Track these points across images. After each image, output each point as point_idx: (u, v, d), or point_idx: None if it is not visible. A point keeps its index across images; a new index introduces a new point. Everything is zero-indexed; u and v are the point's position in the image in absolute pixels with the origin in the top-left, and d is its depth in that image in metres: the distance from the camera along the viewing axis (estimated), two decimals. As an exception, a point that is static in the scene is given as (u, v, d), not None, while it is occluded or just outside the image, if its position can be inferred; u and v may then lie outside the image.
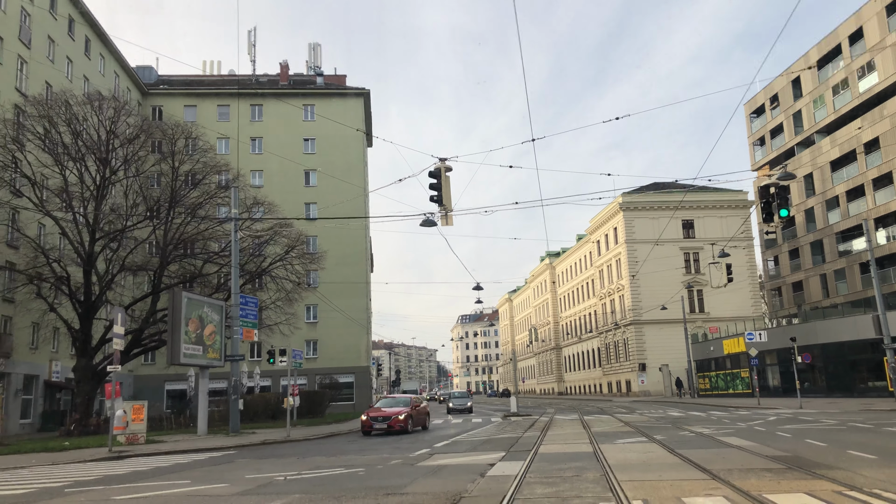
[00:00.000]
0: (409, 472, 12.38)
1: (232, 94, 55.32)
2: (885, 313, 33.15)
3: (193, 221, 33.39)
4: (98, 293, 31.74)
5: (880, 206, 48.78)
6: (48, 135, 29.82)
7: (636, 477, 10.17)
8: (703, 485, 9.21)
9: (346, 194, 50.10)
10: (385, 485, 10.62)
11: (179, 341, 24.26)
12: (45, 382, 39.11)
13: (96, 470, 15.15)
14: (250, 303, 28.19)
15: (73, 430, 30.14)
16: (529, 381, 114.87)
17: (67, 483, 12.62)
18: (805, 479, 9.47)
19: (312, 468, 13.54)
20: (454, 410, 43.77)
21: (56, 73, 40.04)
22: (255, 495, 10.09)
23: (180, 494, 10.41)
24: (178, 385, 47.90)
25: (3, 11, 35.10)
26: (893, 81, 46.43)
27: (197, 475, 13.18)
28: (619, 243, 68.26)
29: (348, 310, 50.36)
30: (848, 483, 8.90)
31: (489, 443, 18.60)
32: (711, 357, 53.80)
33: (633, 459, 12.66)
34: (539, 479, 10.44)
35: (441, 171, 14.45)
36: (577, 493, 8.91)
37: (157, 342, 33.57)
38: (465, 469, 12.39)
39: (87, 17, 44.49)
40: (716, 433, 18.07)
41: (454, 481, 10.72)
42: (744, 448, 13.93)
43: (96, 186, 30.70)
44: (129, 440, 21.59)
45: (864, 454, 12.20)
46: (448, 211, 14.44)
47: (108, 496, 10.52)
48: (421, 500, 9.03)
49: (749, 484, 9.06)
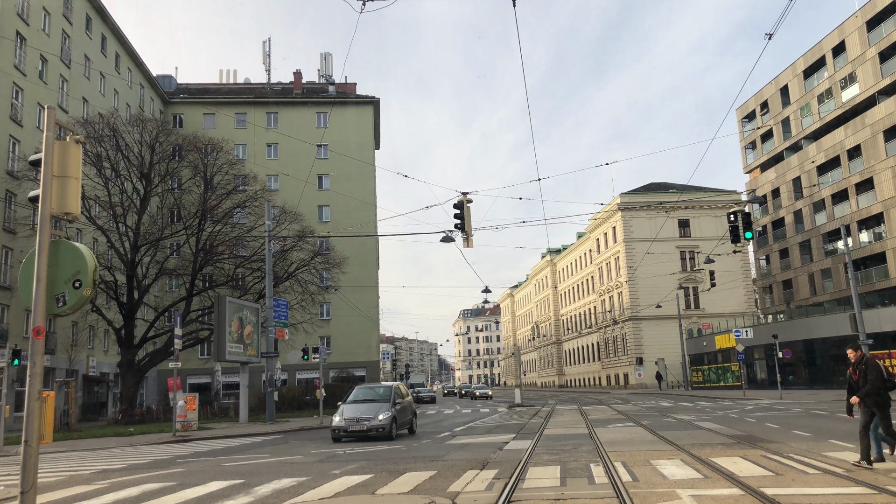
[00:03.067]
0: (442, 447, 15.54)
1: (248, 102, 58.40)
2: (860, 312, 36.24)
3: (225, 229, 36.52)
4: (138, 296, 34.90)
5: (862, 209, 51.81)
6: (98, 154, 32.88)
7: (620, 449, 13.30)
8: (669, 453, 12.34)
9: (358, 197, 53.37)
10: (427, 455, 13.78)
11: (224, 340, 27.37)
12: (84, 377, 42.22)
13: (176, 449, 18.28)
14: (282, 305, 31.33)
15: (119, 420, 33.37)
16: (531, 374, 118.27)
17: (168, 457, 15.75)
18: (745, 448, 12.61)
19: (360, 446, 16.67)
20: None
21: (91, 88, 43.10)
22: (330, 462, 13.23)
23: (271, 462, 13.54)
24: (200, 379, 51.23)
25: (46, 34, 38.10)
26: (873, 93, 49.47)
27: (270, 450, 16.36)
28: (617, 242, 71.38)
29: (359, 307, 53.54)
30: (774, 451, 12.01)
31: (500, 428, 21.74)
32: (704, 352, 57.13)
33: (621, 438, 15.80)
34: (545, 451, 13.59)
35: (463, 203, 17.60)
36: (574, 459, 12.04)
37: (192, 340, 36.69)
38: (486, 446, 15.52)
39: (116, 34, 47.54)
40: (694, 419, 21.21)
41: (479, 453, 13.86)
42: (712, 430, 17.05)
43: (140, 199, 33.82)
44: (184, 427, 24.70)
45: (803, 433, 15.32)
46: (469, 235, 17.56)
47: (218, 464, 13.67)
48: (459, 463, 12.16)
49: (703, 452, 12.17)
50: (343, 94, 61.13)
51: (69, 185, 7.15)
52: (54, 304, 6.98)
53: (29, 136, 35.27)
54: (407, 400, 20.62)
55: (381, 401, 18.85)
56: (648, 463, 11.11)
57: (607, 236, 75.02)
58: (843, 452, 11.54)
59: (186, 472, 12.37)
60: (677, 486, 8.81)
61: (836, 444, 12.73)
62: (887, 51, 48.24)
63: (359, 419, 17.86)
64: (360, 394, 19.96)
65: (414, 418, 20.86)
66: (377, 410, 18.18)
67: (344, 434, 17.94)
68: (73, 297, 6.99)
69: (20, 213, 33.69)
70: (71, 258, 7.08)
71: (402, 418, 19.32)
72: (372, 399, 19.20)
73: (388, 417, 17.96)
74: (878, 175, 49.10)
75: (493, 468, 11.22)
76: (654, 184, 75.45)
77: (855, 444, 12.50)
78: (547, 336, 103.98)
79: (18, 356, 20.97)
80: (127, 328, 34.43)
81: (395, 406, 18.67)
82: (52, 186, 7.06)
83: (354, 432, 17.81)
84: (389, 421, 17.92)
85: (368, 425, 17.74)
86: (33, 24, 36.46)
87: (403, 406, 19.65)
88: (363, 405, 18.61)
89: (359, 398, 19.47)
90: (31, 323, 6.91)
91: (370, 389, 20.45)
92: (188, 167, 37.53)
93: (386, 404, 18.52)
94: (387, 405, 18.46)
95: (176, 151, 36.51)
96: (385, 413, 18.05)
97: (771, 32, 14.05)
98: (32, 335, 6.86)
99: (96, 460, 15.70)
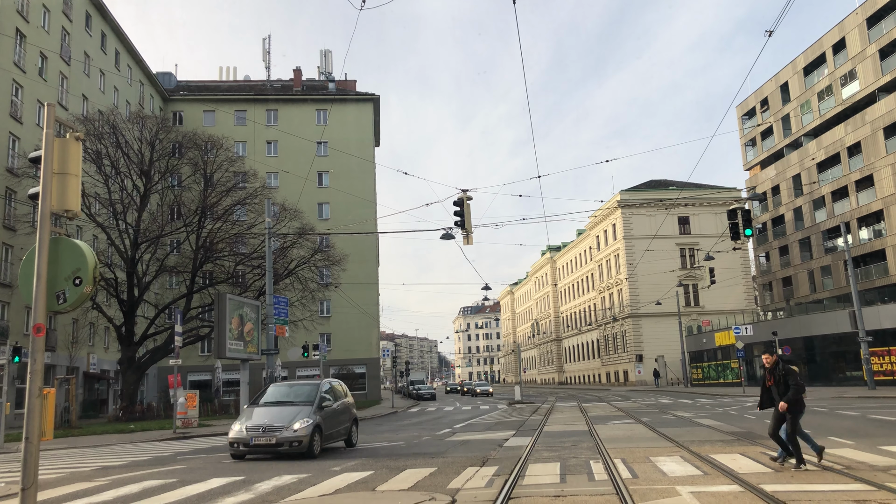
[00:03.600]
0: (442, 444, 15.57)
1: (248, 99, 58.38)
2: (860, 309, 36.36)
3: (225, 226, 36.54)
4: (138, 293, 34.92)
5: (862, 206, 51.80)
6: (97, 151, 32.88)
7: (620, 445, 13.32)
8: (668, 450, 12.36)
9: (357, 194, 53.41)
10: (427, 452, 13.81)
11: (225, 337, 27.30)
12: (85, 374, 42.25)
13: (176, 446, 18.31)
14: (282, 302, 31.29)
15: (120, 417, 33.42)
16: (531, 371, 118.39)
17: (169, 454, 15.77)
18: (744, 445, 12.63)
19: (360, 443, 16.68)
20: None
21: (91, 85, 43.08)
22: (331, 459, 13.25)
23: (272, 459, 13.54)
24: (201, 376, 51.29)
25: (46, 31, 38.06)
26: (873, 90, 49.45)
27: (270, 448, 16.33)
28: (617, 239, 71.42)
29: (360, 304, 53.56)
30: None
31: (500, 424, 21.78)
32: (704, 349, 57.18)
33: (620, 434, 15.83)
34: (545, 447, 13.61)
35: (463, 200, 17.60)
36: (574, 455, 12.07)
37: (193, 337, 36.72)
38: (486, 442, 15.55)
39: (117, 32, 47.49)
40: (694, 416, 21.24)
41: (479, 449, 13.89)
42: (711, 427, 17.08)
43: (140, 196, 33.83)
44: (185, 424, 24.75)
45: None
46: (469, 233, 17.57)
47: (218, 460, 13.76)
48: (459, 460, 12.19)
49: (702, 449, 12.19)
50: (343, 92, 61.11)
51: (69, 182, 7.16)
52: (55, 302, 6.99)
53: (29, 133, 35.27)
54: (342, 403, 15.90)
55: (301, 404, 14.33)
56: (648, 460, 11.13)
57: (607, 233, 75.05)
58: (842, 449, 11.57)
59: (187, 469, 12.40)
60: (677, 482, 8.84)
61: (836, 441, 12.75)
62: (888, 48, 48.20)
63: (266, 428, 13.50)
64: (275, 394, 15.49)
65: (354, 427, 16.31)
66: (292, 417, 13.74)
67: (246, 448, 13.57)
68: (73, 294, 7.00)
69: (20, 210, 33.71)
70: (71, 255, 7.09)
71: (332, 427, 14.90)
72: (289, 401, 14.71)
73: (308, 427, 13.56)
74: (878, 172, 49.09)
75: (494, 465, 11.25)
76: (654, 181, 75.50)
77: (855, 441, 12.55)
78: (547, 333, 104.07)
79: (19, 353, 21.00)
80: (127, 325, 34.46)
81: (322, 410, 14.41)
82: (53, 183, 7.07)
83: (260, 447, 13.46)
84: (309, 431, 13.52)
85: (279, 437, 13.36)
86: (33, 21, 36.43)
87: (334, 411, 15.13)
88: (276, 409, 14.31)
89: (271, 400, 15.11)
90: (32, 320, 6.92)
91: (288, 388, 15.88)
92: (188, 164, 37.53)
93: (306, 408, 14.05)
94: (307, 409, 14.00)
95: (176, 149, 36.53)
96: (303, 421, 13.63)
97: (771, 29, 14.06)
98: (33, 332, 6.87)
99: (97, 457, 15.74)
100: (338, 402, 15.58)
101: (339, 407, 15.50)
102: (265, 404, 14.86)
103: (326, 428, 14.37)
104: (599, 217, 75.73)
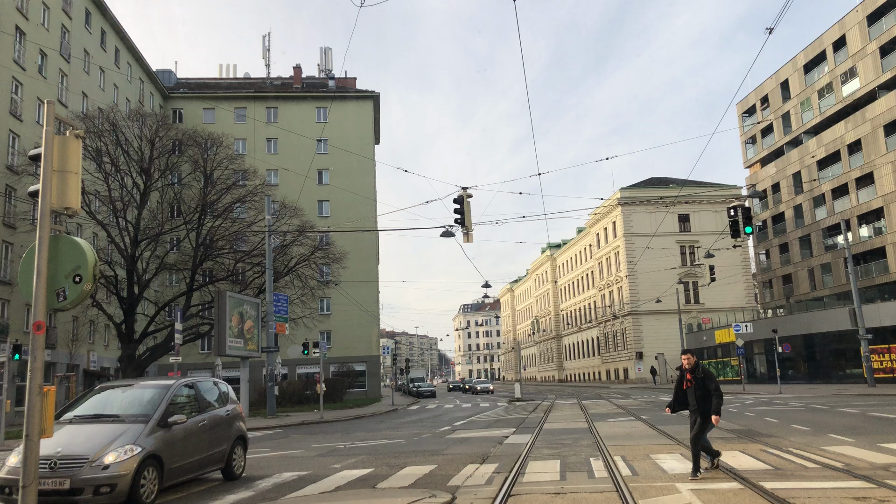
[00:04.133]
0: (442, 441, 15.58)
1: (248, 97, 58.35)
2: (860, 306, 36.41)
3: (225, 224, 36.53)
4: (138, 291, 34.91)
5: (862, 203, 51.78)
6: (97, 149, 32.86)
7: (620, 443, 13.33)
8: (668, 447, 12.37)
9: (357, 192, 53.41)
10: (427, 449, 13.81)
11: (225, 335, 27.38)
12: (85, 371, 42.27)
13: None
14: (282, 300, 31.35)
15: (120, 415, 33.43)
16: (531, 368, 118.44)
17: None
18: (745, 443, 12.64)
19: (360, 440, 16.71)
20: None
21: (91, 82, 43.03)
22: (330, 456, 13.26)
23: (272, 456, 13.58)
24: (201, 374, 51.31)
25: (46, 29, 38.01)
26: (873, 88, 49.41)
27: (271, 445, 16.40)
28: (617, 237, 71.41)
29: (360, 302, 53.57)
30: (773, 445, 12.04)
31: (500, 422, 21.79)
32: (704, 346, 57.18)
33: (620, 432, 15.84)
34: (545, 445, 13.62)
35: (463, 198, 17.57)
36: (574, 453, 12.07)
37: (193, 335, 36.72)
38: (486, 440, 15.55)
39: (116, 29, 47.42)
40: (694, 413, 21.23)
41: (479, 447, 13.89)
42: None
43: (140, 193, 33.82)
44: (185, 422, 24.74)
45: (802, 427, 15.35)
46: (469, 230, 17.56)
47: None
48: (459, 457, 12.20)
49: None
50: (343, 89, 61.07)
51: (69, 179, 7.15)
52: (55, 299, 6.99)
53: (29, 130, 35.24)
54: (212, 416, 10.44)
55: (130, 420, 9.01)
56: (648, 457, 11.14)
57: (607, 231, 75.03)
58: (842, 447, 11.57)
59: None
60: (677, 480, 8.85)
61: (836, 439, 12.76)
62: (888, 45, 48.15)
63: (59, 462, 8.04)
64: (96, 403, 9.87)
65: (239, 450, 10.98)
66: (107, 442, 8.41)
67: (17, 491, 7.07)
68: (73, 291, 7.01)
69: (20, 207, 33.68)
70: (71, 253, 7.09)
71: (189, 454, 9.57)
72: (111, 415, 9.29)
73: (130, 459, 8.31)
74: (879, 170, 49.07)
75: (494, 462, 11.26)
76: (654, 178, 75.43)
77: (854, 439, 12.56)
78: (547, 331, 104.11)
79: (19, 351, 20.99)
80: (127, 323, 34.45)
81: (167, 430, 9.10)
82: (52, 181, 7.06)
83: (44, 493, 7.66)
84: (132, 467, 8.26)
85: (77, 478, 7.95)
86: (32, 18, 36.38)
87: (194, 429, 9.75)
88: (86, 428, 8.88)
89: (87, 412, 9.48)
90: (32, 317, 6.92)
91: (120, 393, 10.14)
92: (188, 162, 37.49)
93: (135, 427, 8.80)
94: (136, 429, 8.75)
95: (176, 146, 36.47)
96: (122, 450, 8.34)
97: (771, 27, 14.04)
98: (33, 330, 6.87)
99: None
100: (204, 415, 10.16)
101: (205, 422, 10.09)
102: (77, 419, 9.23)
103: (174, 457, 9.12)
104: (599, 214, 75.69)
